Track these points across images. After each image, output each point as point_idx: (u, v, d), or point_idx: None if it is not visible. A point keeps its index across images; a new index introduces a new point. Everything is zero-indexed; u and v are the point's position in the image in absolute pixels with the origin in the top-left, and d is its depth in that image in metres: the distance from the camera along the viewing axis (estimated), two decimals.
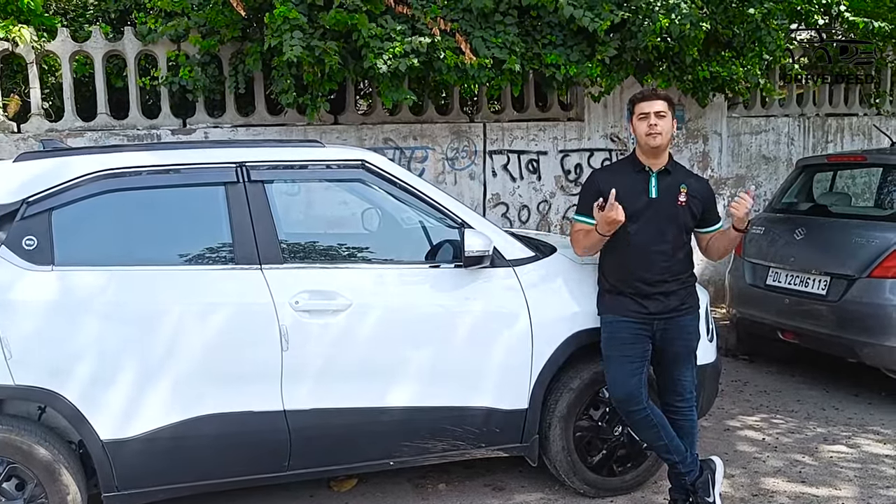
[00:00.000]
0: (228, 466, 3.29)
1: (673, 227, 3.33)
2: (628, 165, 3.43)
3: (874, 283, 4.85)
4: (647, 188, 3.33)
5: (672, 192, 3.33)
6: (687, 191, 3.34)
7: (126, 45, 6.17)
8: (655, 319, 3.35)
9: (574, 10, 5.55)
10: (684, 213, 3.35)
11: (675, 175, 3.37)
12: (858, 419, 4.85)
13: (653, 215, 3.31)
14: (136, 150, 3.56)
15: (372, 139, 6.52)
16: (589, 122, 7.11)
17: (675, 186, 3.34)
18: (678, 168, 3.45)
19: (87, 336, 3.05)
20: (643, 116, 3.28)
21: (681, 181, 3.37)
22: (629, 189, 3.29)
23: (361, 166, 3.54)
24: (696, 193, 3.38)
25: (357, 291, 3.36)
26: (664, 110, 3.28)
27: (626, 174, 3.38)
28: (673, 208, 3.33)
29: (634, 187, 3.32)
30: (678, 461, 3.41)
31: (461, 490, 3.89)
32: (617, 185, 3.26)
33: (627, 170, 3.41)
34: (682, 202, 3.34)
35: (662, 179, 3.34)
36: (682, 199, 3.34)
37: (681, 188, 3.34)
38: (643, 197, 3.32)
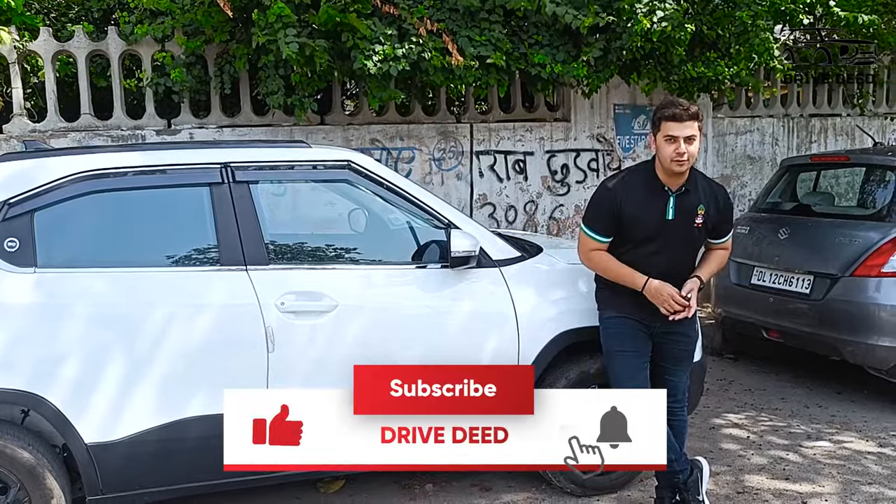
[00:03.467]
0: (215, 469, 3.25)
1: (688, 249, 3.29)
2: (647, 181, 3.23)
3: (857, 282, 4.89)
4: (664, 209, 3.18)
5: (689, 213, 3.20)
6: (704, 212, 3.22)
7: (110, 45, 6.13)
8: (657, 320, 3.29)
9: (557, 8, 5.57)
10: (700, 234, 3.28)
11: (694, 194, 3.21)
12: (841, 417, 4.90)
13: (668, 237, 3.20)
14: (119, 151, 3.55)
15: (358, 140, 6.50)
16: (575, 122, 7.13)
17: (693, 208, 3.20)
18: (698, 184, 3.25)
19: (70, 338, 3.03)
20: (670, 139, 3.07)
21: (699, 202, 3.21)
22: (646, 208, 3.19)
23: (347, 167, 3.53)
24: (714, 210, 3.26)
25: (343, 292, 3.35)
26: (695, 134, 3.08)
27: (643, 191, 3.22)
28: (689, 231, 3.23)
29: (652, 207, 3.19)
30: (674, 459, 3.37)
31: (448, 490, 3.89)
32: (634, 202, 3.19)
33: (646, 187, 3.23)
34: (699, 224, 3.23)
35: (681, 200, 3.19)
36: (699, 220, 3.22)
37: (698, 210, 3.20)
38: (660, 218, 3.18)
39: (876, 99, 8.60)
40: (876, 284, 4.82)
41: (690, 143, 3.07)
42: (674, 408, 3.39)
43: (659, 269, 3.21)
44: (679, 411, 3.46)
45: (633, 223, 3.21)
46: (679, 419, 3.46)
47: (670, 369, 3.41)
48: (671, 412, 3.34)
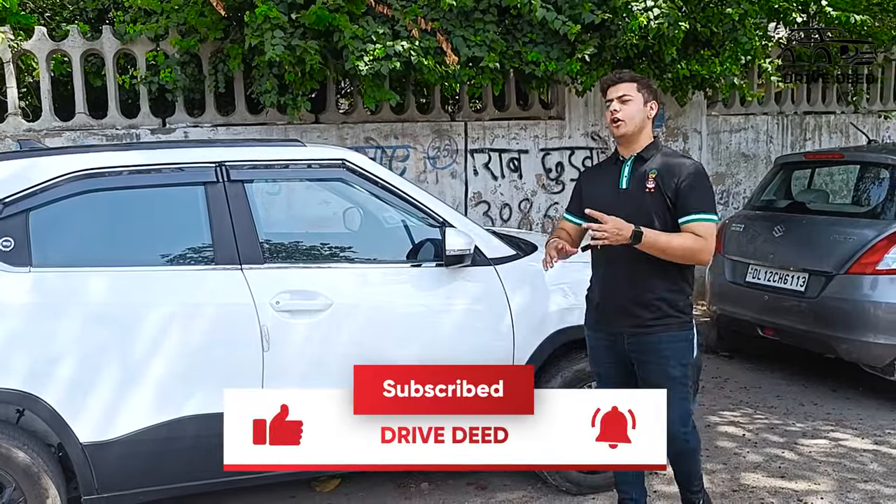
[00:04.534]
0: (210, 468, 3.26)
1: (642, 220, 2.85)
2: (609, 157, 3.19)
3: (851, 280, 4.90)
4: (618, 178, 3.01)
5: (642, 179, 2.95)
6: (656, 175, 2.91)
7: (104, 45, 6.12)
8: (623, 331, 2.99)
9: (546, 13, 5.57)
10: (654, 200, 2.90)
11: (650, 161, 2.97)
12: (837, 414, 4.91)
13: (621, 208, 2.89)
14: (114, 150, 3.54)
15: (353, 138, 6.51)
16: (570, 120, 7.14)
17: (646, 173, 2.95)
18: (658, 152, 3.01)
19: (65, 338, 3.03)
20: (607, 103, 2.99)
21: (652, 167, 2.94)
22: (603, 181, 3.07)
23: (342, 165, 3.53)
24: (669, 175, 2.90)
25: (338, 291, 3.35)
26: (629, 93, 2.94)
27: (606, 166, 3.16)
28: (641, 197, 2.92)
29: (608, 179, 3.05)
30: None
31: (444, 489, 3.89)
32: (592, 176, 3.17)
33: (606, 161, 3.20)
34: (651, 188, 2.91)
35: (636, 167, 2.98)
36: (651, 185, 2.91)
37: (649, 173, 2.93)
38: (614, 188, 3.00)
39: (870, 97, 8.62)
40: (871, 282, 4.83)
41: (625, 103, 2.93)
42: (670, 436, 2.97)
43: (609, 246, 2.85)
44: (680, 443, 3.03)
45: (590, 196, 3.06)
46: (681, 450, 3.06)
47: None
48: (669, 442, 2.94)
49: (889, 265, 4.79)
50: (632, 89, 2.97)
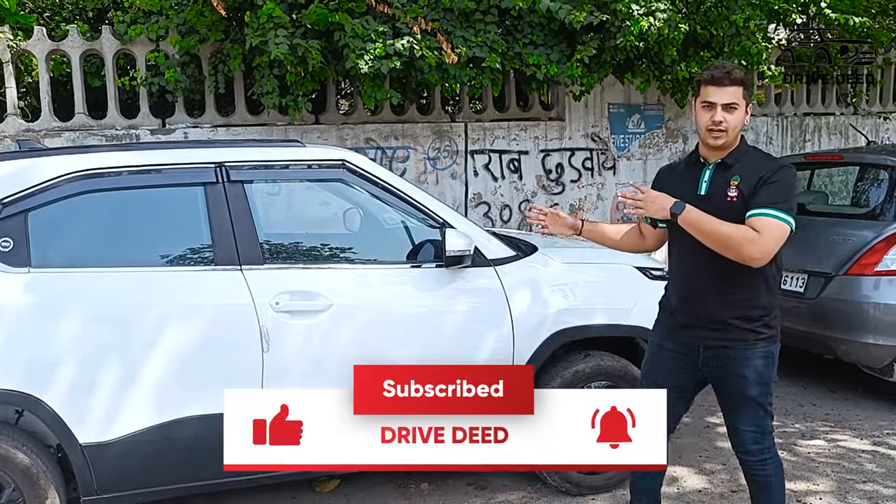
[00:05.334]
0: (210, 469, 3.26)
1: None
2: (689, 156, 2.89)
3: (850, 281, 4.91)
4: (697, 184, 2.75)
5: (724, 186, 2.69)
6: (739, 182, 2.66)
7: (104, 45, 6.11)
8: (699, 343, 2.80)
9: (551, 4, 5.58)
10: (736, 210, 2.64)
11: (735, 166, 2.70)
12: (836, 415, 4.91)
13: None
14: (113, 151, 3.54)
15: (353, 139, 6.50)
16: (570, 121, 7.14)
17: (728, 180, 2.69)
18: (745, 157, 2.73)
19: (65, 339, 3.03)
20: (707, 106, 2.66)
21: (736, 173, 2.69)
22: (680, 185, 2.79)
23: (342, 166, 3.53)
24: (753, 181, 2.65)
25: (338, 292, 3.35)
26: (737, 101, 2.65)
27: (684, 169, 2.89)
28: (722, 206, 2.66)
29: (686, 183, 2.78)
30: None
31: (444, 489, 3.89)
32: (669, 179, 2.89)
33: (686, 162, 2.91)
34: (733, 197, 2.65)
35: (718, 173, 2.73)
36: (733, 193, 2.66)
37: (732, 180, 2.67)
38: (691, 194, 2.73)
39: (869, 98, 8.62)
40: (870, 283, 4.84)
41: (730, 112, 2.65)
42: (744, 459, 2.92)
43: (690, 255, 2.72)
44: (757, 466, 2.88)
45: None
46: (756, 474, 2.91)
47: (726, 413, 2.92)
48: (744, 464, 2.95)
49: (888, 266, 4.80)
50: (739, 95, 2.66)
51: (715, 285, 2.72)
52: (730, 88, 2.65)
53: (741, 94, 2.67)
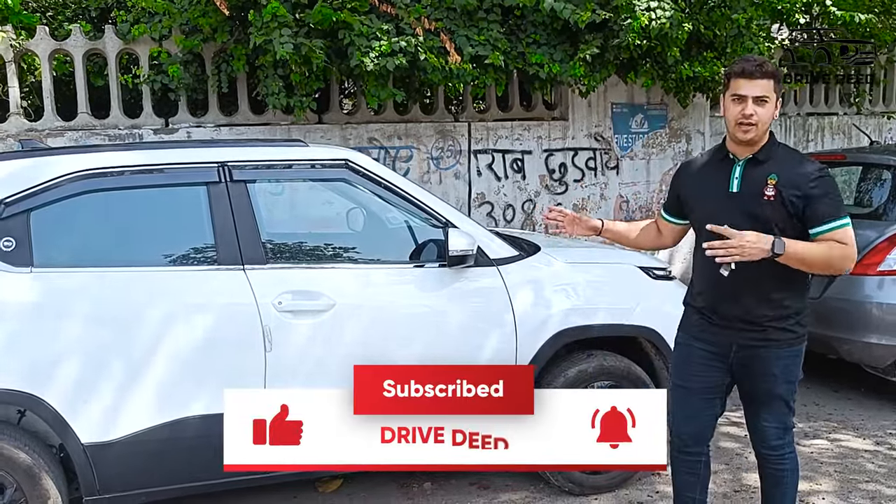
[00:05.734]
0: (212, 469, 3.25)
1: (759, 229, 2.56)
2: (715, 152, 2.84)
3: (854, 281, 4.89)
4: (728, 181, 2.70)
5: (758, 184, 2.64)
6: (776, 182, 2.61)
7: (107, 44, 6.12)
8: (733, 341, 2.77)
9: (555, 3, 5.57)
10: (774, 210, 2.60)
11: (768, 163, 2.65)
12: (838, 415, 4.90)
13: (731, 214, 2.62)
14: (116, 150, 3.54)
15: (356, 139, 6.50)
16: (573, 121, 7.13)
17: (762, 177, 2.64)
18: (777, 153, 2.69)
19: (67, 338, 3.03)
20: (737, 99, 2.61)
21: (771, 171, 2.64)
22: (708, 182, 2.77)
23: (345, 166, 3.53)
24: (793, 182, 2.60)
25: (341, 291, 3.35)
26: (768, 94, 2.59)
27: (710, 164, 2.82)
28: (756, 204, 2.62)
29: (714, 181, 2.74)
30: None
31: (446, 489, 3.89)
32: (695, 175, 2.85)
33: (712, 158, 2.84)
34: (770, 196, 2.60)
35: (750, 169, 2.68)
36: (770, 192, 2.60)
37: (769, 179, 2.62)
38: (721, 191, 2.70)
39: (873, 98, 8.61)
40: (872, 283, 4.83)
41: (761, 106, 2.59)
42: (765, 454, 2.90)
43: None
44: (775, 460, 2.87)
45: (693, 199, 2.83)
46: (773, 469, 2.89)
47: (751, 409, 2.90)
48: (764, 459, 2.92)
49: (891, 266, 4.79)
50: (770, 89, 2.61)
51: (750, 286, 2.67)
52: (761, 81, 2.59)
53: (772, 88, 2.62)
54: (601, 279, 3.83)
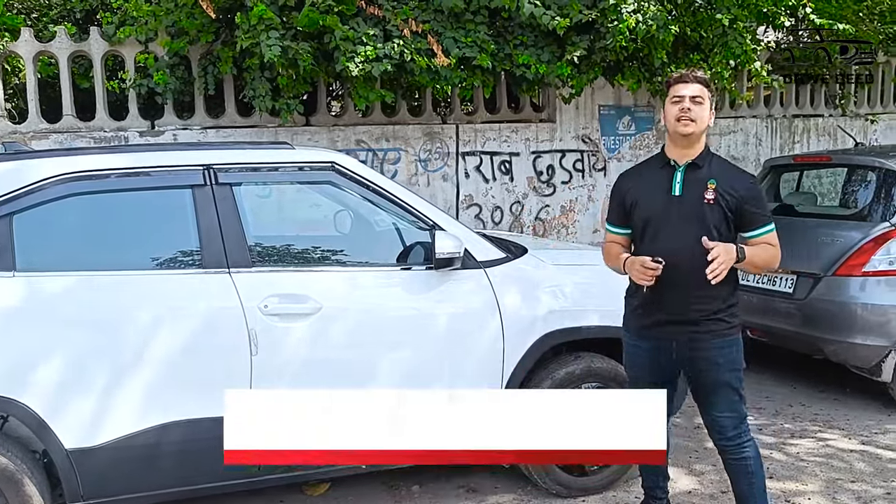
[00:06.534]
0: (198, 473, 3.24)
1: (698, 230, 2.84)
2: (655, 160, 3.08)
3: (839, 282, 4.93)
4: (670, 185, 2.93)
5: (699, 188, 2.89)
6: (716, 186, 2.87)
7: (92, 46, 6.07)
8: (675, 338, 2.97)
9: (535, 9, 5.57)
10: (713, 212, 2.87)
11: (705, 169, 2.92)
12: (825, 415, 4.93)
13: (675, 216, 2.90)
14: (100, 153, 3.52)
15: (344, 141, 6.49)
16: (561, 123, 7.14)
17: (702, 182, 2.90)
18: (713, 160, 2.98)
19: (50, 343, 3.00)
20: (676, 100, 2.89)
21: (711, 176, 2.91)
22: (652, 187, 2.98)
23: (332, 168, 3.52)
24: (730, 189, 2.88)
25: (327, 294, 3.34)
26: (701, 96, 2.88)
27: (650, 171, 3.05)
28: (698, 207, 2.88)
29: (657, 185, 2.97)
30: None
31: (434, 492, 3.89)
32: (639, 182, 3.04)
33: (654, 165, 3.07)
34: (710, 199, 2.87)
35: (690, 174, 2.93)
36: (710, 196, 2.87)
37: (708, 183, 2.88)
38: (665, 195, 2.94)
39: (857, 100, 8.67)
40: (858, 284, 4.87)
41: (697, 105, 2.87)
42: (724, 446, 3.07)
43: (664, 253, 2.85)
44: (735, 450, 3.04)
45: (638, 204, 3.00)
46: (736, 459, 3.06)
47: (704, 401, 3.06)
48: (722, 451, 3.09)
49: (875, 267, 4.83)
50: (704, 92, 2.91)
51: (687, 284, 2.88)
52: (694, 85, 2.90)
53: (705, 92, 2.92)
54: (589, 281, 3.83)
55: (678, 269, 2.84)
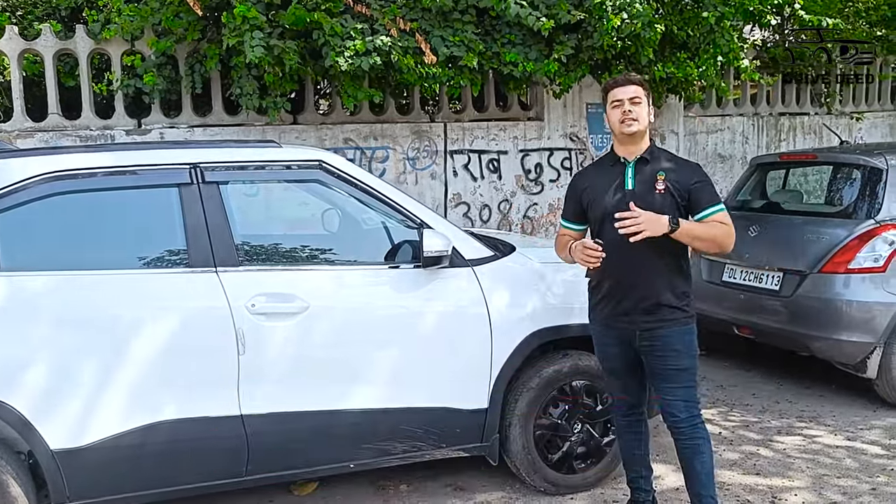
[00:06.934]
0: (185, 473, 3.23)
1: None
2: (606, 159, 3.25)
3: (825, 279, 4.96)
4: (622, 180, 3.11)
5: (649, 180, 3.08)
6: (665, 177, 3.06)
7: (78, 44, 6.04)
8: (636, 328, 3.11)
9: (520, 10, 5.58)
10: (665, 201, 3.04)
11: (653, 163, 3.11)
12: (811, 411, 4.97)
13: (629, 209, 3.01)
14: (86, 152, 3.48)
15: (332, 139, 6.47)
16: (548, 121, 7.16)
17: (652, 174, 3.09)
18: (660, 155, 3.18)
19: (35, 343, 2.98)
20: (617, 104, 3.08)
21: (659, 168, 3.10)
22: (606, 184, 3.14)
23: (319, 167, 3.51)
24: (678, 178, 3.08)
25: (315, 293, 3.33)
26: (639, 96, 3.07)
27: (603, 169, 3.22)
28: (650, 198, 3.04)
29: (610, 181, 3.14)
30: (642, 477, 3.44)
31: (423, 491, 3.89)
32: (593, 180, 3.21)
33: (605, 163, 3.24)
34: (661, 190, 3.05)
35: (640, 169, 3.11)
36: (660, 186, 3.05)
37: (658, 175, 3.07)
38: (619, 190, 3.10)
39: (843, 98, 8.73)
40: (843, 281, 4.89)
41: (636, 105, 3.06)
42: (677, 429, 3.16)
43: (619, 248, 2.98)
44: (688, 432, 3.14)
45: (594, 200, 3.16)
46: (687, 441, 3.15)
47: (658, 386, 3.18)
48: (675, 433, 3.19)
49: (861, 264, 4.86)
50: (640, 93, 3.10)
51: (645, 274, 3.05)
52: (630, 87, 3.09)
53: (642, 92, 3.09)
54: (577, 279, 3.81)
55: (633, 260, 3.01)
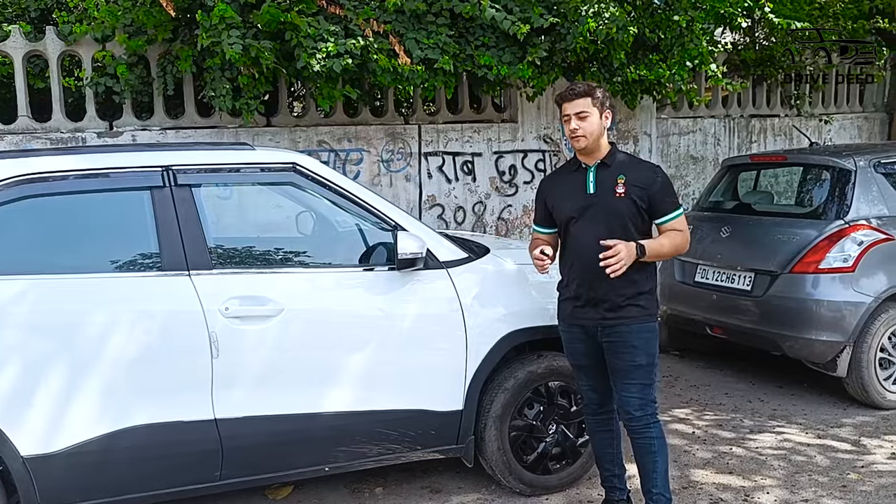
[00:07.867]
0: (159, 478, 3.20)
1: (615, 222, 3.12)
2: (570, 164, 3.35)
3: (795, 279, 5.03)
4: (584, 184, 3.20)
5: (610, 184, 3.16)
6: (625, 180, 3.14)
7: (48, 45, 5.96)
8: (598, 324, 3.19)
9: (496, 13, 5.61)
10: (625, 204, 3.13)
11: (613, 167, 3.19)
12: (783, 410, 5.03)
13: (594, 212, 3.15)
14: (56, 155, 3.45)
15: (306, 141, 6.45)
16: (522, 123, 7.18)
17: (613, 178, 3.16)
18: (620, 158, 3.25)
19: (4, 348, 2.94)
20: (565, 119, 3.18)
21: (620, 171, 3.17)
22: (569, 189, 3.24)
23: (293, 169, 3.50)
24: (638, 182, 3.15)
25: (289, 296, 3.32)
26: (586, 109, 3.13)
27: (567, 174, 3.32)
28: (611, 201, 3.14)
29: (573, 186, 3.23)
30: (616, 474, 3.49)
31: (398, 493, 3.88)
32: (557, 184, 3.31)
33: (568, 169, 3.34)
34: (621, 193, 3.13)
35: (601, 173, 3.19)
36: (620, 190, 3.13)
37: (618, 178, 3.15)
38: (581, 195, 3.19)
39: (812, 100, 8.87)
40: (813, 281, 4.97)
41: (584, 119, 3.13)
42: (631, 426, 3.23)
43: (586, 246, 3.12)
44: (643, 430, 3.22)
45: (558, 204, 3.26)
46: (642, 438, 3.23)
47: (615, 382, 3.25)
48: (629, 430, 3.26)
49: (831, 264, 4.93)
50: (587, 104, 3.15)
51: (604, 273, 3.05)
52: (577, 101, 3.15)
53: (589, 103, 3.15)
54: (551, 280, 3.85)
55: (595, 260, 3.06)
